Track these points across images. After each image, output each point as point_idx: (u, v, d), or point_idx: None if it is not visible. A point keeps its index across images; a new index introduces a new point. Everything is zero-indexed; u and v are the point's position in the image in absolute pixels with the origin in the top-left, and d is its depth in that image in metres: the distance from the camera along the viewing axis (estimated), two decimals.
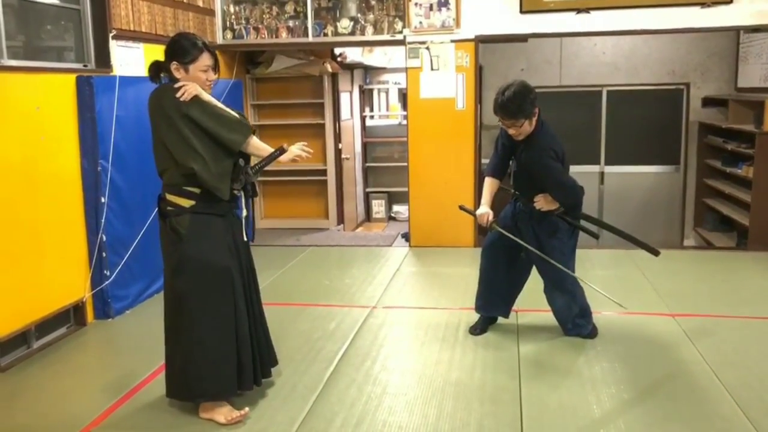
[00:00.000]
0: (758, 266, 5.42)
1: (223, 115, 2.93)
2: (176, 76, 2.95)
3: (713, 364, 3.50)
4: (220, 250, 2.98)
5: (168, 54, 2.98)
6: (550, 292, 3.91)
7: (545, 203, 3.67)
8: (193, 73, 2.94)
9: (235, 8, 6.49)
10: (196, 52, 2.94)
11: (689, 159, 7.72)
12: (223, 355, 2.98)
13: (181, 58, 2.93)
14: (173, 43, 2.99)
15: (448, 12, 5.95)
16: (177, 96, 2.86)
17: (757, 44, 6.79)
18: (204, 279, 2.93)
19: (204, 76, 2.96)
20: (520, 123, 3.51)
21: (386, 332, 4.15)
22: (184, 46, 2.96)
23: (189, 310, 2.95)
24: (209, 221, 2.98)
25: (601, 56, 7.78)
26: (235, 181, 3.00)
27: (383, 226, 8.58)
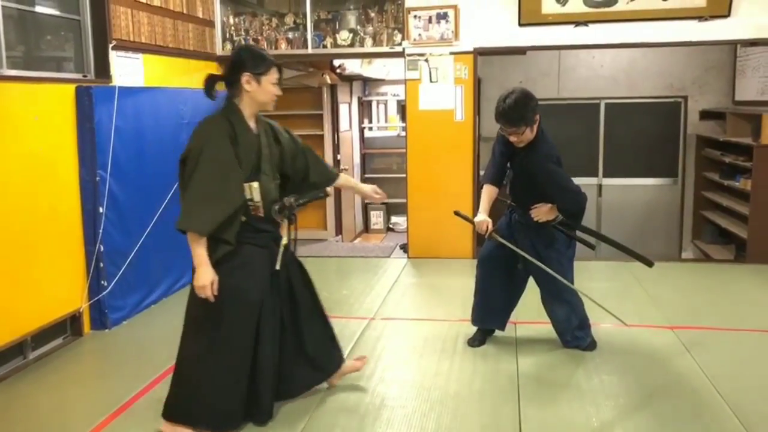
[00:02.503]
0: (756, 279, 5.42)
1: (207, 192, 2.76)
2: (247, 89, 2.81)
3: (712, 377, 3.49)
4: (253, 280, 2.90)
5: (236, 65, 2.83)
6: (549, 303, 3.90)
7: (543, 214, 3.66)
8: (264, 86, 2.83)
9: (235, 20, 6.51)
10: (269, 64, 2.84)
11: (687, 172, 7.73)
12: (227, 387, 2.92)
13: (255, 69, 2.80)
14: (244, 52, 2.89)
15: (447, 24, 5.97)
16: None
17: (755, 58, 6.82)
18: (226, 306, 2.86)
19: (274, 89, 2.88)
20: (522, 130, 3.51)
21: (384, 344, 4.13)
22: (259, 55, 2.86)
23: (203, 332, 2.91)
24: (249, 251, 2.89)
25: (599, 69, 7.81)
26: (280, 211, 2.96)
27: (381, 237, 8.59)
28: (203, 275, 2.75)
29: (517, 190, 3.81)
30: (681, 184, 7.77)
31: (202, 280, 2.75)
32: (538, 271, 3.78)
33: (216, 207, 2.73)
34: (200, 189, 2.71)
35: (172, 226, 5.10)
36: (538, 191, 3.65)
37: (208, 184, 2.72)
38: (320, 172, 3.19)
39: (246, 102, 2.85)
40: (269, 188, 2.93)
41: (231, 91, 2.86)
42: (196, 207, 2.72)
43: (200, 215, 2.72)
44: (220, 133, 2.77)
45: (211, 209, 2.72)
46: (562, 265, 3.76)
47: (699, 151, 7.59)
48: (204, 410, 2.91)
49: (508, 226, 3.85)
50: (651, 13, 5.63)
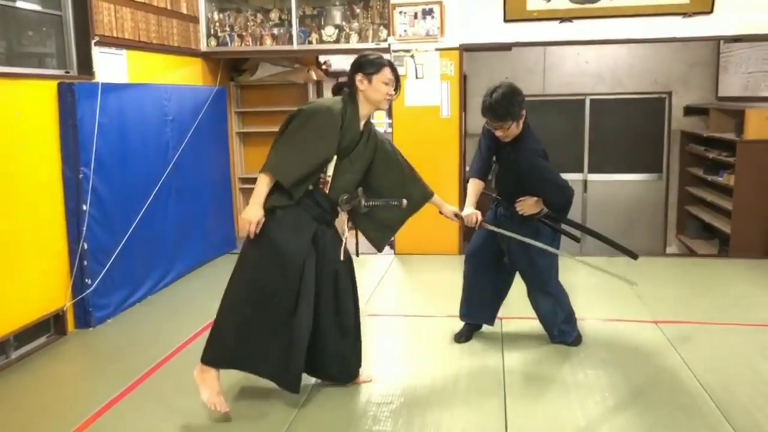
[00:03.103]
0: (740, 273, 5.47)
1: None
2: (360, 87, 3.10)
3: (696, 371, 3.52)
4: (297, 242, 3.05)
5: (353, 68, 3.14)
6: (535, 296, 3.91)
7: (528, 207, 3.67)
8: (375, 85, 3.09)
9: (220, 15, 6.47)
10: (380, 65, 3.11)
11: (671, 167, 7.79)
12: (242, 326, 3.06)
13: (366, 70, 3.09)
14: (361, 58, 3.16)
15: (432, 21, 5.97)
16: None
17: (737, 54, 6.88)
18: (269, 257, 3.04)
19: (385, 89, 3.12)
20: (508, 125, 3.51)
21: (371, 340, 4.11)
22: (372, 59, 3.15)
23: (244, 280, 3.10)
24: (302, 216, 3.08)
25: (584, 65, 7.84)
26: (348, 201, 3.15)
27: None
28: (254, 211, 2.97)
29: (503, 184, 3.82)
30: (665, 180, 7.83)
31: (250, 215, 2.96)
32: (524, 264, 3.79)
33: (303, 164, 2.97)
34: (298, 144, 2.98)
35: (156, 223, 5.13)
36: (523, 185, 3.66)
37: (306, 144, 2.98)
38: (418, 187, 3.42)
39: (362, 100, 3.13)
40: (345, 174, 3.13)
41: (351, 92, 3.15)
42: (288, 157, 2.97)
43: (288, 166, 2.96)
44: (335, 110, 3.06)
45: (299, 165, 2.97)
46: (547, 259, 3.78)
47: (683, 147, 7.65)
48: (226, 346, 3.09)
49: (494, 220, 3.86)
50: (635, 10, 5.66)
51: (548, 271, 3.82)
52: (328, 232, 3.19)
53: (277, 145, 3.03)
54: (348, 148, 3.12)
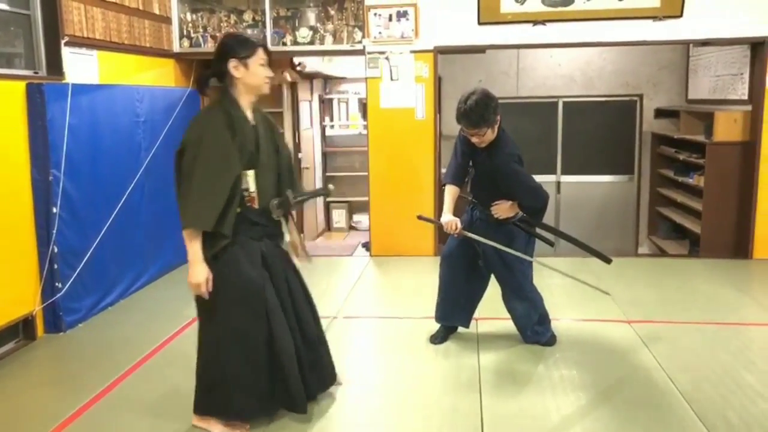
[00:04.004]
0: (710, 273, 5.56)
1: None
2: (236, 75, 2.77)
3: (668, 369, 3.57)
4: (253, 270, 2.85)
5: (222, 54, 2.80)
6: (510, 299, 3.94)
7: (503, 211, 3.70)
8: (253, 69, 2.79)
9: (192, 16, 6.41)
10: (254, 45, 2.80)
11: (643, 168, 7.89)
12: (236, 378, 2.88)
13: (240, 53, 2.77)
14: (227, 39, 2.85)
15: (407, 23, 5.98)
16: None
17: (706, 58, 7.00)
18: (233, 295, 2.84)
19: (264, 71, 2.83)
20: (483, 131, 3.52)
21: (347, 343, 4.12)
22: (242, 39, 2.84)
23: (216, 324, 2.87)
24: (245, 243, 2.85)
25: (557, 68, 7.92)
26: (280, 206, 2.93)
27: (344, 235, 8.56)
28: (199, 272, 2.72)
29: (479, 188, 3.83)
30: (637, 181, 7.93)
31: (197, 277, 2.72)
32: (499, 268, 3.81)
33: (217, 200, 2.68)
34: (201, 183, 2.67)
35: (128, 226, 5.06)
36: (499, 189, 3.68)
37: (208, 178, 2.67)
38: (292, 185, 3.08)
39: (240, 90, 2.81)
40: (266, 180, 2.89)
41: (224, 83, 2.82)
42: (199, 202, 2.67)
43: (203, 210, 2.67)
44: (217, 123, 2.73)
45: (212, 203, 2.68)
46: (522, 263, 3.81)
47: (654, 149, 7.75)
48: (228, 400, 2.89)
49: (470, 224, 3.87)
50: (607, 13, 5.73)
51: (523, 274, 3.84)
52: (271, 245, 2.97)
53: (181, 194, 2.72)
54: (253, 153, 2.84)
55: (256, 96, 2.87)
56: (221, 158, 2.70)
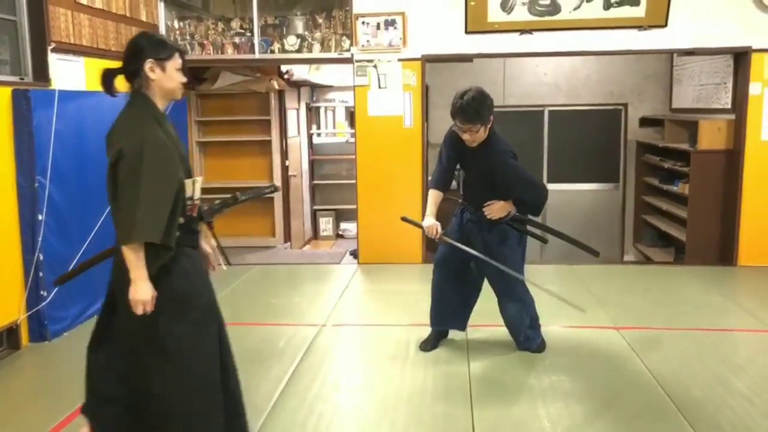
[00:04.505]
0: (695, 280, 5.60)
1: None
2: (152, 77, 2.51)
3: (658, 375, 3.59)
4: (201, 283, 2.65)
5: (137, 53, 2.53)
6: (503, 301, 3.92)
7: (496, 211, 3.69)
8: (170, 72, 2.54)
9: (180, 24, 6.39)
10: (172, 49, 2.57)
11: (628, 177, 7.96)
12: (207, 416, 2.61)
13: (157, 54, 2.51)
14: (143, 38, 2.58)
15: (395, 31, 6.00)
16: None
17: (690, 67, 7.09)
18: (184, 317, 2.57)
19: (180, 77, 2.59)
20: (477, 128, 3.52)
21: (336, 350, 4.10)
22: (159, 40, 2.59)
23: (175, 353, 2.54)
24: (190, 254, 2.63)
25: (543, 77, 7.97)
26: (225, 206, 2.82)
27: (331, 243, 8.53)
28: (144, 289, 2.43)
29: (471, 190, 3.83)
30: (622, 189, 7.99)
31: (143, 294, 2.42)
32: (491, 269, 3.79)
33: (164, 210, 2.44)
34: (147, 192, 2.40)
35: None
36: (493, 189, 3.68)
37: (154, 187, 2.42)
38: None
39: (156, 93, 2.55)
40: (196, 183, 2.64)
41: (136, 84, 2.54)
42: (146, 213, 2.40)
43: (151, 221, 2.41)
44: (154, 128, 2.48)
45: (159, 214, 2.43)
46: (515, 263, 3.80)
47: (639, 157, 7.83)
48: None
49: (460, 227, 3.87)
50: (593, 23, 5.78)
51: (514, 280, 3.84)
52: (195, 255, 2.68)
53: (122, 206, 2.42)
54: (186, 159, 2.61)
55: (169, 102, 2.63)
56: (165, 165, 2.46)
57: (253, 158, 7.41)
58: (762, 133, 5.82)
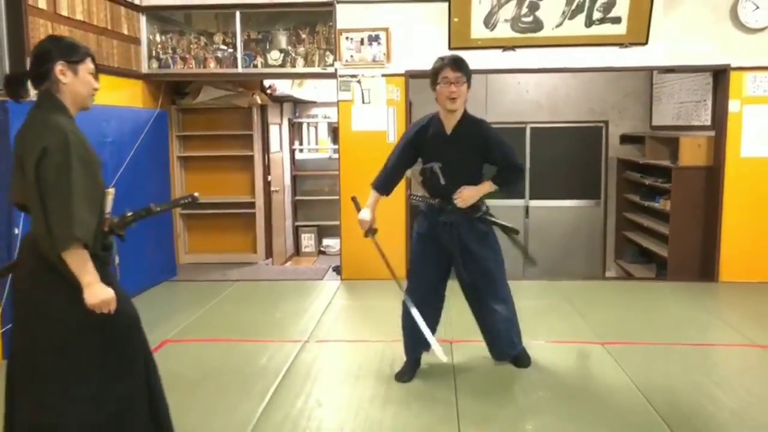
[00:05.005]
0: (678, 295, 5.62)
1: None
2: (63, 80, 2.37)
3: (645, 390, 3.57)
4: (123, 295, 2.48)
5: (46, 55, 2.39)
6: (490, 304, 3.74)
7: (468, 197, 3.54)
8: (82, 76, 2.42)
9: (162, 38, 6.35)
10: (84, 52, 2.44)
11: (609, 193, 8.02)
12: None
13: (68, 57, 2.38)
14: (53, 41, 2.45)
15: (379, 47, 6.01)
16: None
17: (669, 85, 7.18)
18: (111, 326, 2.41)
19: (92, 81, 2.47)
20: (464, 80, 3.51)
21: (320, 367, 4.03)
22: (70, 42, 2.46)
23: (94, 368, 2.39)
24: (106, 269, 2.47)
25: (524, 94, 8.03)
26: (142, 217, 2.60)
27: (313, 260, 8.47)
28: (103, 289, 2.29)
29: (448, 182, 3.60)
30: (603, 206, 8.04)
31: (102, 295, 2.28)
32: (476, 273, 3.67)
33: (94, 215, 2.31)
34: (83, 190, 2.25)
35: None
36: (473, 175, 3.60)
37: (89, 185, 2.29)
38: None
39: (66, 98, 2.41)
40: (108, 194, 2.49)
41: (45, 88, 2.41)
42: (82, 214, 2.24)
43: (87, 223, 2.25)
44: (75, 129, 2.35)
45: (91, 217, 2.29)
46: (497, 262, 3.73)
47: (620, 174, 7.88)
48: None
49: (433, 234, 3.67)
50: (575, 40, 5.83)
51: (500, 275, 3.75)
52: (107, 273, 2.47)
53: (53, 207, 2.23)
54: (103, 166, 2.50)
55: (79, 110, 2.48)
56: (92, 163, 2.35)
57: (235, 173, 7.35)
58: (741, 150, 5.89)
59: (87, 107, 2.50)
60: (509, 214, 7.90)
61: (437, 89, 3.58)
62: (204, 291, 5.86)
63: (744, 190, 5.92)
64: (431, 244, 3.70)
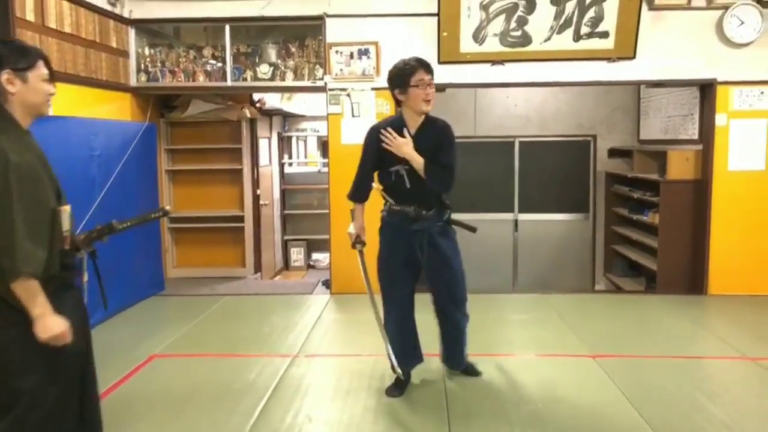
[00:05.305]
0: (668, 308, 5.63)
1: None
2: (10, 90, 2.23)
3: (636, 403, 3.56)
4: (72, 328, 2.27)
5: None
6: (454, 310, 3.72)
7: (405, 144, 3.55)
8: (33, 84, 2.27)
9: (151, 51, 6.33)
10: (34, 57, 2.29)
11: (598, 207, 8.03)
12: None
13: (16, 64, 2.23)
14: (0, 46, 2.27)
15: (368, 60, 6.02)
16: None
17: (656, 100, 7.23)
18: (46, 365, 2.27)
19: (46, 88, 2.32)
20: (433, 83, 3.59)
21: (309, 381, 3.99)
22: (18, 47, 2.31)
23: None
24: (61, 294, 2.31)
25: (513, 108, 8.05)
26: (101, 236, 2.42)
27: (302, 274, 8.43)
28: (56, 321, 2.17)
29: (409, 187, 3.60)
30: (592, 219, 8.05)
31: (56, 328, 2.17)
32: (446, 276, 3.65)
33: (42, 241, 2.17)
34: (24, 222, 2.12)
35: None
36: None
37: (33, 212, 2.16)
38: None
39: (16, 109, 2.26)
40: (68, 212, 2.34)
41: None
42: (25, 245, 2.11)
43: (31, 254, 2.12)
44: (17, 145, 2.19)
45: (39, 244, 2.15)
46: (460, 264, 3.71)
47: (609, 188, 7.91)
48: None
49: (408, 242, 3.61)
50: (563, 54, 5.87)
51: (464, 284, 3.74)
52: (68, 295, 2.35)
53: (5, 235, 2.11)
54: (57, 182, 2.35)
55: (34, 118, 2.34)
56: (36, 187, 2.19)
57: (224, 187, 7.31)
58: (729, 163, 5.94)
59: (43, 114, 2.37)
60: (498, 228, 7.95)
61: (411, 91, 3.56)
62: (192, 306, 5.81)
63: (732, 203, 5.96)
64: (403, 258, 3.66)
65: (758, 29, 5.73)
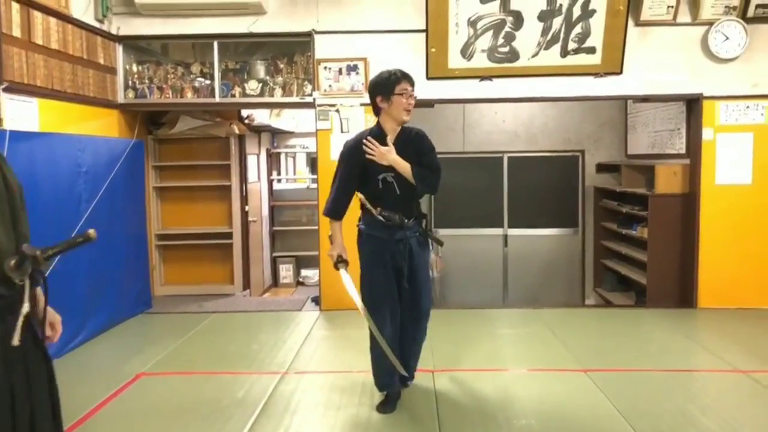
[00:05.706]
0: (658, 322, 5.62)
1: None
2: None
3: (629, 417, 3.53)
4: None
5: None
6: (421, 321, 3.77)
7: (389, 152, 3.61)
8: None
9: (138, 68, 6.31)
10: None
11: (587, 222, 8.06)
12: None
13: None
14: None
15: (357, 76, 6.03)
16: None
17: (643, 115, 7.29)
18: None
19: None
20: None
21: (299, 398, 3.94)
22: None
23: None
24: None
25: (501, 124, 8.10)
26: (19, 267, 2.04)
27: (291, 291, 8.37)
28: None
29: (399, 193, 3.64)
30: (581, 234, 8.07)
31: None
32: (421, 288, 3.71)
33: None
34: None
35: (65, 280, 4.81)
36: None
37: None
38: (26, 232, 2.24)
39: None
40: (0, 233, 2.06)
41: None
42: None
43: None
44: None
45: None
46: (427, 271, 3.80)
47: (597, 202, 7.94)
48: None
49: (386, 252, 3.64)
50: (551, 69, 5.91)
51: (429, 285, 3.83)
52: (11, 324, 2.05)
53: None
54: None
55: None
56: None
57: (212, 204, 7.27)
58: (716, 177, 5.97)
59: None
60: (488, 243, 7.95)
61: (395, 99, 3.66)
62: (180, 323, 5.74)
63: (720, 216, 5.99)
64: (390, 269, 3.67)
65: (743, 45, 5.80)
